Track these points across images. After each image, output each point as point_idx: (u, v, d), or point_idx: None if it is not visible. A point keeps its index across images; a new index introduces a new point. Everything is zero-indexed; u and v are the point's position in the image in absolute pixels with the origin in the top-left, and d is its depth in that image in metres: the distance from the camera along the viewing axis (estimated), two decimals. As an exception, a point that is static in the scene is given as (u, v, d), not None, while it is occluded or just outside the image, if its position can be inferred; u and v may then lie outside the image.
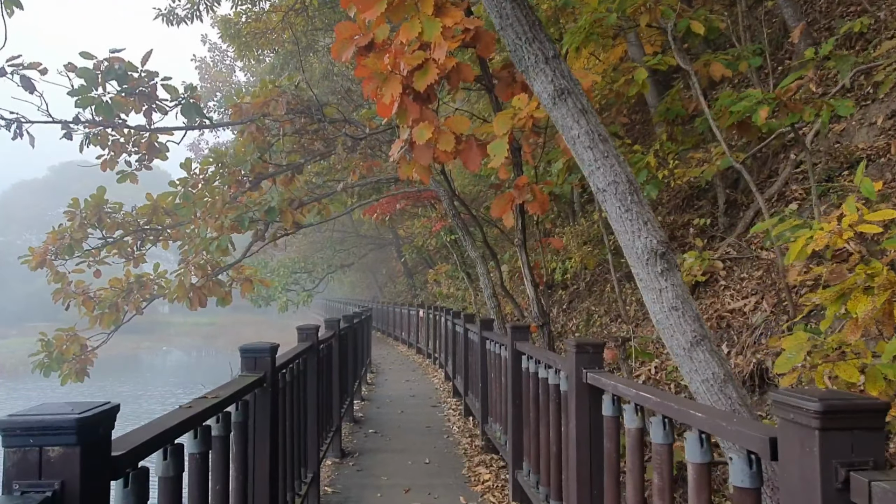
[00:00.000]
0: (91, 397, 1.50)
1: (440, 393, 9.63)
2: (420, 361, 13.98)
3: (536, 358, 3.78)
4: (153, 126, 6.27)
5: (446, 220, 10.07)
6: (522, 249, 4.56)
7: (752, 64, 6.06)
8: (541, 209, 4.10)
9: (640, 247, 2.36)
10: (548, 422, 3.58)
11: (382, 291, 31.90)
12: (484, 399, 5.91)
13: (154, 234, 7.52)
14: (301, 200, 6.93)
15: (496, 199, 4.18)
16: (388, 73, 3.80)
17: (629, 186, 2.37)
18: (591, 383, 2.69)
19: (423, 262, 23.87)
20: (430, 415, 7.85)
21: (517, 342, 4.32)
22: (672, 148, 6.06)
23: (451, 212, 6.72)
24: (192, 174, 6.97)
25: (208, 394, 2.29)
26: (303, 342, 4.20)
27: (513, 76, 4.57)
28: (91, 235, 7.57)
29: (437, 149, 3.92)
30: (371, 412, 8.02)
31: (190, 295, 6.31)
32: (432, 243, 16.65)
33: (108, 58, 5.61)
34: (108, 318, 7.44)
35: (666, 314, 2.39)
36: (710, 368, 2.36)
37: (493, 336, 5.51)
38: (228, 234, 6.01)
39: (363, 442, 6.43)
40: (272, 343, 2.76)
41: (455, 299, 15.69)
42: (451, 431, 6.91)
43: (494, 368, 5.38)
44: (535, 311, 4.63)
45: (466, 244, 6.65)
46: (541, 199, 4.13)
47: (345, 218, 25.08)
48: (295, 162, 7.06)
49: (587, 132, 2.37)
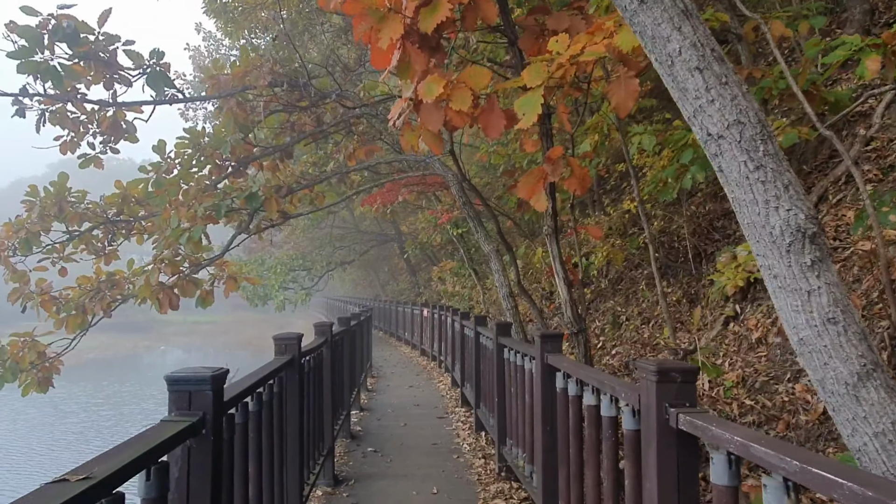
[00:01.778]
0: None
1: (447, 401, 8.78)
2: (424, 364, 13.13)
3: (580, 379, 2.92)
4: (117, 101, 5.41)
5: (453, 212, 9.22)
6: (553, 239, 3.69)
7: (814, 24, 5.19)
8: (580, 187, 3.24)
9: (778, 225, 1.50)
10: (598, 462, 2.72)
11: (384, 289, 31.09)
12: (501, 416, 5.05)
13: (126, 226, 6.67)
14: (289, 188, 6.08)
15: (524, 176, 3.31)
16: (385, 12, 2.93)
17: (761, 131, 1.52)
18: (685, 429, 1.82)
19: (426, 259, 23.04)
20: (436, 428, 7.00)
21: (549, 354, 3.46)
22: (721, 122, 5.18)
23: (461, 199, 5.85)
24: (167, 158, 6.12)
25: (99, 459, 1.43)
26: (280, 356, 3.35)
27: (541, 27, 3.69)
28: (56, 229, 6.73)
29: (449, 109, 3.05)
30: (371, 425, 7.17)
31: (159, 296, 5.46)
32: (437, 239, 15.79)
33: (54, 14, 4.75)
34: (73, 321, 6.60)
35: (818, 330, 1.52)
36: (890, 415, 1.49)
37: (512, 344, 4.65)
38: (202, 224, 5.15)
39: (360, 464, 5.58)
40: (216, 370, 1.90)
41: (461, 298, 14.83)
42: (462, 450, 6.05)
43: (515, 382, 4.52)
44: (568, 316, 3.77)
45: (479, 236, 5.79)
46: (580, 174, 3.26)
47: (345, 213, 24.26)
48: (283, 144, 6.19)
49: (693, 45, 1.52)
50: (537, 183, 3.32)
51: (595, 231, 4.57)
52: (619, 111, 2.87)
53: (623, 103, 2.83)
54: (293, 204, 6.56)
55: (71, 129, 5.69)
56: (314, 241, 24.43)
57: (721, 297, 5.23)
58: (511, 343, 4.68)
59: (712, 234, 6.57)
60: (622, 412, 2.35)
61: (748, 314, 4.71)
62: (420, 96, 2.99)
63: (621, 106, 2.84)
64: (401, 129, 3.35)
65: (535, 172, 3.31)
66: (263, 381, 2.79)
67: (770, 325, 4.44)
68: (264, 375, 2.90)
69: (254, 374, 2.74)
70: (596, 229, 4.57)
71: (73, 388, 22.02)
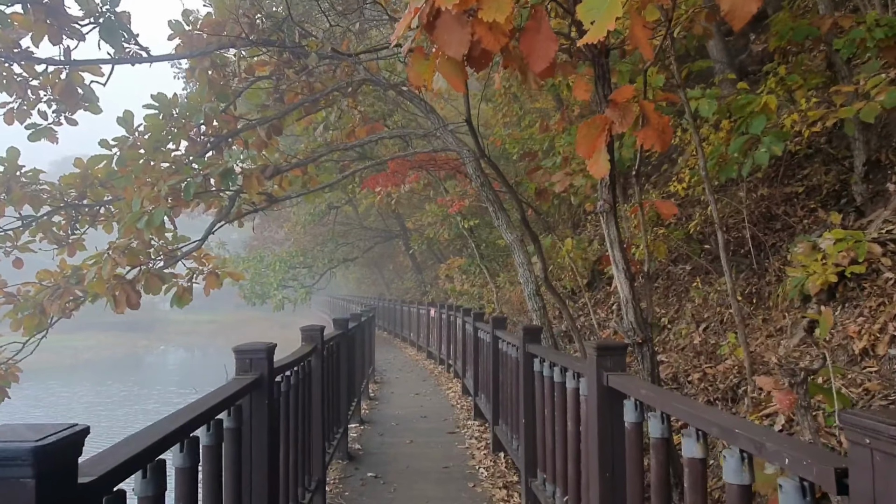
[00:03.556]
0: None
1: (458, 412, 7.86)
2: (432, 368, 12.21)
3: (668, 414, 1.99)
4: (71, 59, 4.51)
5: (464, 201, 8.29)
6: (611, 218, 2.75)
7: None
8: (660, 140, 2.31)
9: None
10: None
11: (389, 288, 30.21)
12: (529, 442, 4.12)
13: (91, 212, 5.76)
14: (276, 167, 5.16)
15: (581, 126, 2.37)
16: None
17: None
18: None
19: (433, 256, 22.13)
20: (447, 446, 6.07)
21: (609, 374, 2.52)
22: (800, 81, 4.23)
23: (478, 180, 4.92)
24: (136, 132, 5.21)
25: None
26: (242, 375, 2.42)
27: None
28: (10, 215, 5.83)
29: (478, 23, 2.14)
30: (371, 442, 6.25)
31: (116, 292, 4.56)
32: (444, 235, 14.86)
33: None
34: (30, 321, 5.71)
35: None
36: None
37: (547, 355, 3.71)
38: (166, 206, 4.24)
39: (358, 495, 4.66)
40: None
41: (470, 297, 13.90)
42: (478, 475, 5.13)
43: (552, 403, 3.58)
44: (628, 321, 2.83)
45: (500, 224, 4.86)
46: (658, 123, 2.33)
47: (348, 209, 23.33)
48: (270, 116, 5.26)
49: None
50: (599, 136, 2.38)
51: (669, 207, 3.59)
52: (732, 19, 1.93)
53: (741, 5, 1.89)
54: (282, 187, 5.66)
55: (18, 95, 4.81)
56: (317, 238, 23.52)
57: (798, 297, 4.27)
58: (545, 353, 3.75)
59: (771, 224, 5.62)
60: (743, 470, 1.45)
61: (844, 318, 3.75)
62: (437, 2, 2.06)
63: (738, 9, 1.90)
64: (408, 60, 2.42)
65: (595, 121, 2.37)
66: (217, 409, 1.88)
67: (878, 332, 3.49)
68: (218, 402, 1.99)
69: (201, 402, 1.83)
70: (669, 205, 3.60)
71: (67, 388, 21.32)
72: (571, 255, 6.65)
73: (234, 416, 2.22)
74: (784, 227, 5.41)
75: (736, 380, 4.20)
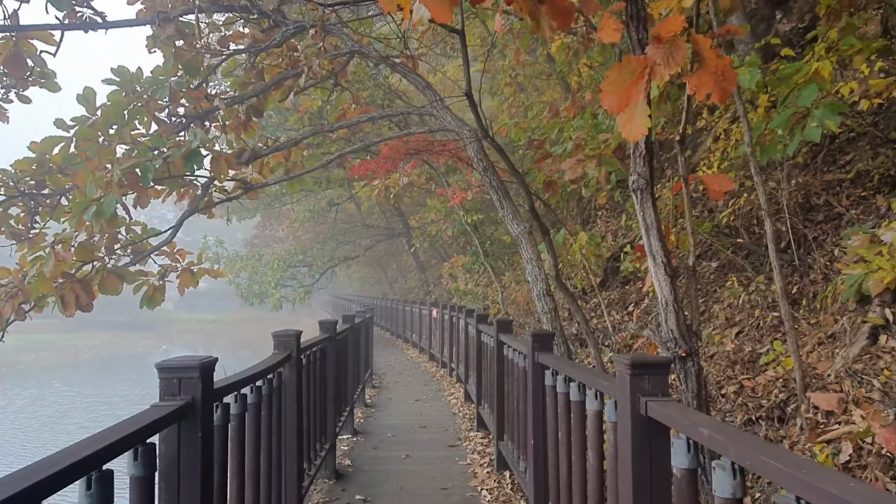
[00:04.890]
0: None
1: (459, 421, 7.27)
2: (433, 372, 11.63)
3: (740, 466, 1.38)
4: (18, 23, 3.94)
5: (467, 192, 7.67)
6: (648, 197, 2.12)
7: None
8: (719, 89, 1.71)
9: None
10: None
11: (392, 287, 29.63)
12: (540, 467, 3.52)
13: (51, 202, 5.20)
14: (255, 152, 4.57)
15: (611, 71, 1.76)
16: None
17: None
18: None
19: (436, 255, 21.55)
20: (447, 462, 5.48)
21: (648, 399, 1.91)
22: (858, 44, 3.60)
23: (480, 164, 4.32)
24: (97, 112, 4.64)
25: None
26: (166, 401, 1.84)
27: None
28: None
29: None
30: (363, 457, 5.66)
31: (64, 292, 3.98)
32: (448, 231, 14.25)
33: None
34: (-16, 323, 5.15)
35: None
36: None
37: (560, 366, 3.10)
38: (118, 193, 3.66)
39: (343, 525, 4.08)
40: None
41: (474, 297, 13.30)
42: (480, 499, 4.53)
43: (566, 425, 2.97)
44: (669, 329, 2.23)
45: (505, 214, 4.25)
46: (717, 65, 1.73)
47: (350, 206, 22.76)
48: (247, 93, 4.67)
49: None
50: (635, 83, 1.77)
51: (723, 181, 2.91)
52: None
53: None
54: (262, 174, 5.08)
55: (-40, 69, 4.25)
56: (317, 236, 22.95)
57: (855, 298, 3.65)
58: (559, 365, 3.14)
59: (811, 215, 4.99)
60: None
61: (920, 324, 3.13)
62: None
63: None
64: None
65: (629, 62, 1.76)
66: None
67: (967, 341, 2.86)
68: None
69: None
70: (723, 179, 2.93)
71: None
72: (584, 251, 6.04)
73: (141, 459, 1.63)
74: (827, 218, 4.78)
75: (782, 394, 3.59)
